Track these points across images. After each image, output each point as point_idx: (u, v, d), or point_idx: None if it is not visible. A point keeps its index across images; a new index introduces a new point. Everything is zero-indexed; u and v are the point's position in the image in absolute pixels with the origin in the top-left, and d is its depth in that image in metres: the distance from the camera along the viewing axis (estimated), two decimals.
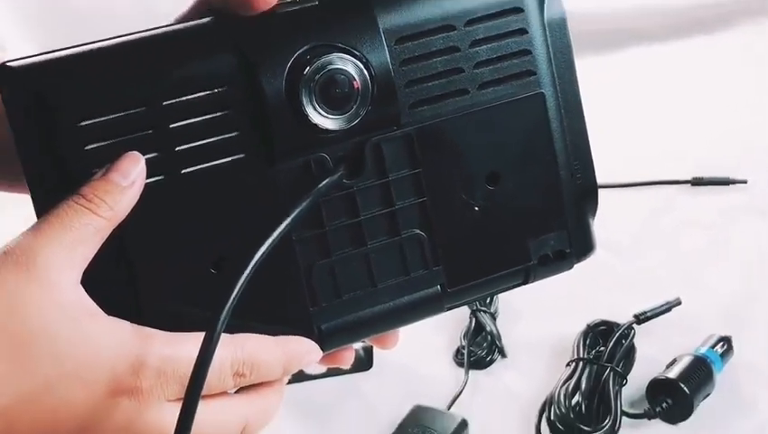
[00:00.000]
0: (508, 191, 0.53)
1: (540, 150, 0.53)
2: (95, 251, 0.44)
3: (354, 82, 0.48)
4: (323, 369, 0.86)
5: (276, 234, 0.45)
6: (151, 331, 0.45)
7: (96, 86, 0.45)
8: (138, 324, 0.45)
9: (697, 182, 1.13)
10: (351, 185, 0.49)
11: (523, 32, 0.51)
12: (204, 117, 0.47)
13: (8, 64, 0.45)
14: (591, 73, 0.62)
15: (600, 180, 0.55)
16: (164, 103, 0.45)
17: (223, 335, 0.44)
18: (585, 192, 0.55)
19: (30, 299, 0.42)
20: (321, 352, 0.49)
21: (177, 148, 0.46)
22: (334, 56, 0.47)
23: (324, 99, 0.47)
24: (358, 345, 0.88)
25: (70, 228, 0.43)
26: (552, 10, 0.52)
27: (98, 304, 0.44)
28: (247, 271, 0.44)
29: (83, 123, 0.44)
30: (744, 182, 1.11)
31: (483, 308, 0.93)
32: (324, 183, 0.48)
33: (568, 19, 0.54)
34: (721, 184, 1.12)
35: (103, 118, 0.45)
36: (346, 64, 0.47)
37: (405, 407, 0.83)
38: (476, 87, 0.51)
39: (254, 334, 0.48)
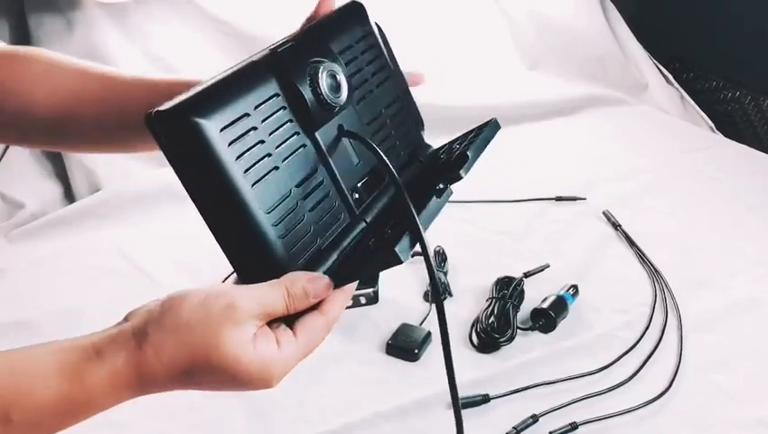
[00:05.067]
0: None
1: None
2: None
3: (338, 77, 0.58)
4: (350, 303, 0.97)
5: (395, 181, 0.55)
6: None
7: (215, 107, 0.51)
8: None
9: (558, 198, 1.40)
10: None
11: (377, 43, 0.65)
12: (275, 112, 0.54)
13: (159, 109, 0.49)
14: (505, 138, 0.71)
15: (509, 197, 0.69)
16: (255, 107, 0.53)
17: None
18: (414, 115, 0.67)
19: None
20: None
21: (262, 121, 0.53)
22: (321, 62, 0.57)
23: (329, 85, 0.57)
24: (370, 290, 1.08)
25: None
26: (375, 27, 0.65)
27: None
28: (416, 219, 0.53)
29: (224, 128, 0.50)
30: (584, 199, 1.39)
31: (440, 269, 1.14)
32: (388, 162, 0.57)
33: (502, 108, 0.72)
34: (571, 200, 1.40)
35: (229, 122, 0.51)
36: (332, 67, 0.58)
37: (396, 324, 1.05)
38: (370, 75, 0.64)
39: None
